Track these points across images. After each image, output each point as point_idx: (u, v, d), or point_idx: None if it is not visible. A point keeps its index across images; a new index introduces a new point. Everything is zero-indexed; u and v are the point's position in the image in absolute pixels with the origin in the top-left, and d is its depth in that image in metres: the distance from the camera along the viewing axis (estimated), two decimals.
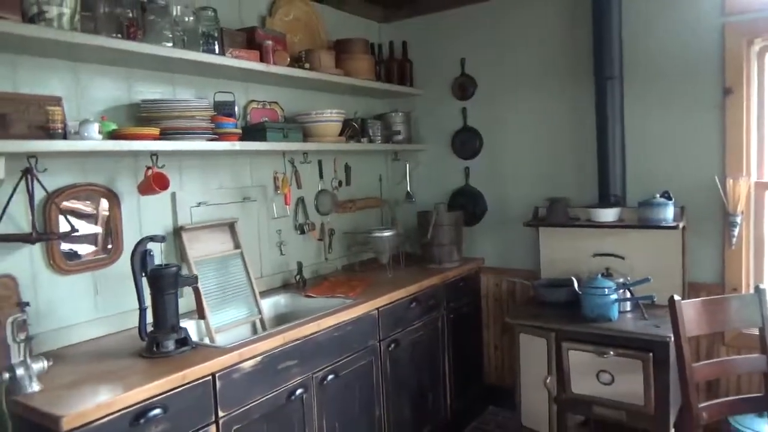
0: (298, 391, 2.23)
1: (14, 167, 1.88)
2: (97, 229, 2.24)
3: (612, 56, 2.91)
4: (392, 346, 2.77)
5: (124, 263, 2.26)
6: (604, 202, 2.99)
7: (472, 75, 3.55)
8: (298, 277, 2.96)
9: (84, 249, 2.20)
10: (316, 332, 2.31)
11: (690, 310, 2.18)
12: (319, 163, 3.27)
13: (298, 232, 3.15)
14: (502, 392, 3.53)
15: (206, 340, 2.37)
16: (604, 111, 2.95)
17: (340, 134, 3.09)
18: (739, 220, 2.73)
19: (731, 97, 2.74)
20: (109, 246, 2.27)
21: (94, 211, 2.23)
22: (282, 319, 2.76)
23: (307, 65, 2.86)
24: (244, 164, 2.87)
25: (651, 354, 2.48)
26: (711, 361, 2.28)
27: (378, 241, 3.30)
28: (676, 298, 2.14)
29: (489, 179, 3.57)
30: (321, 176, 3.29)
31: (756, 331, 2.31)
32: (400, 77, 3.61)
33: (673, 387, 2.47)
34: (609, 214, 2.92)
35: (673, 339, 2.42)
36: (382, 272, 3.22)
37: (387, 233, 3.30)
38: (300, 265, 2.98)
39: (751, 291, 2.80)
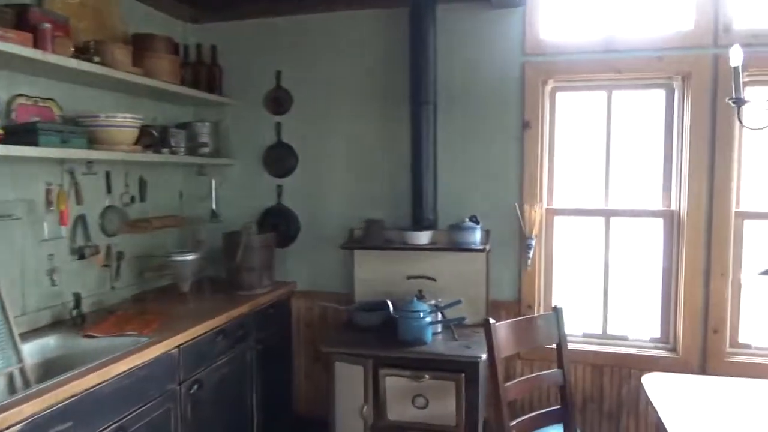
0: None
1: None
2: None
3: (427, 82, 2.97)
4: (194, 387, 2.41)
5: None
6: (418, 225, 3.02)
7: (288, 89, 3.37)
8: (74, 311, 2.44)
9: None
10: (100, 383, 1.88)
11: (503, 331, 2.25)
12: (107, 174, 2.78)
13: (76, 257, 2.61)
14: (313, 423, 3.35)
15: None
16: (418, 135, 3.00)
17: (136, 143, 2.66)
18: (533, 242, 2.96)
19: (529, 131, 2.98)
20: None
21: None
22: (52, 366, 2.21)
23: (96, 58, 2.40)
24: (4, 173, 2.29)
25: (463, 375, 2.54)
26: (520, 379, 2.38)
27: (178, 266, 2.92)
28: (491, 321, 2.19)
29: (303, 199, 3.40)
30: (109, 191, 2.80)
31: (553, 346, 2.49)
32: (209, 84, 3.27)
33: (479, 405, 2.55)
34: (423, 237, 2.96)
35: (483, 359, 2.51)
36: (182, 302, 2.84)
37: (189, 256, 2.94)
38: (77, 296, 2.47)
39: (543, 307, 3.08)
